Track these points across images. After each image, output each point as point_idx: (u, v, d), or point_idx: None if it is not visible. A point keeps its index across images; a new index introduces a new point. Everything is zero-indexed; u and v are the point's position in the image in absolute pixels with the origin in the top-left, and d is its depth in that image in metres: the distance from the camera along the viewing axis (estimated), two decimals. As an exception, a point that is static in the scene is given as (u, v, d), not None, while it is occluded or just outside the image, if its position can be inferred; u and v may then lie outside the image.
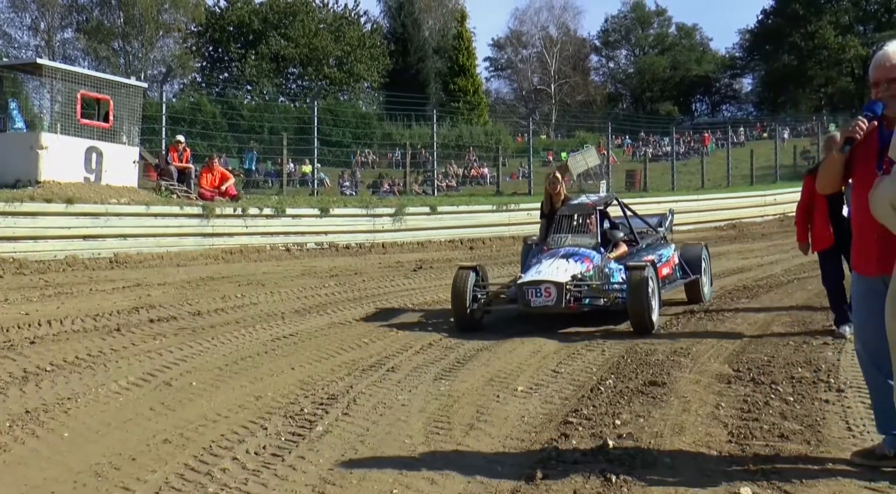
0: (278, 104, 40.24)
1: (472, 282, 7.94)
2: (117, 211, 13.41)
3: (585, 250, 8.26)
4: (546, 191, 9.66)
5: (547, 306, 7.60)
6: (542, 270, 7.83)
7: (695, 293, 9.33)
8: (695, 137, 42.96)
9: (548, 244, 8.61)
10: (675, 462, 3.98)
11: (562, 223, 8.76)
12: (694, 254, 9.60)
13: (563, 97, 61.21)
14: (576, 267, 7.92)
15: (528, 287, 7.65)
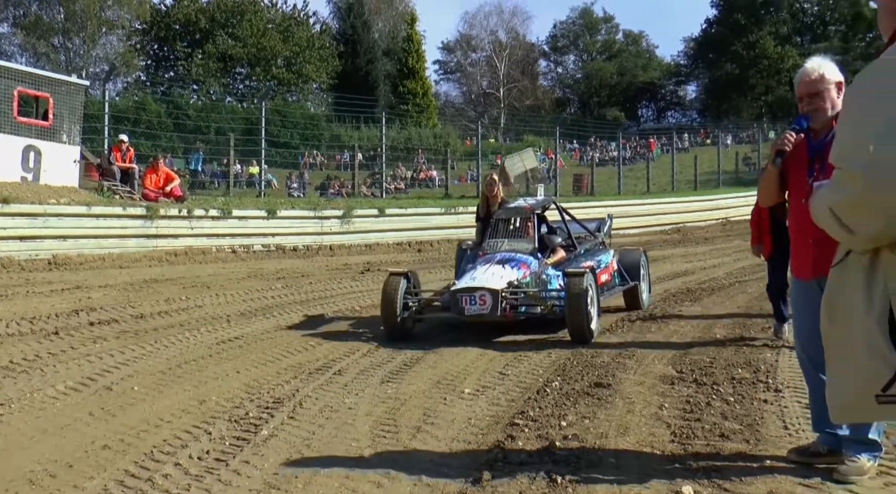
0: (225, 104, 39.72)
1: (403, 289, 7.60)
2: (56, 211, 13.09)
3: (522, 255, 8.00)
4: (482, 193, 9.43)
5: (482, 314, 7.31)
6: (476, 276, 7.55)
7: (633, 299, 9.17)
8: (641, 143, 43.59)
9: (483, 249, 8.33)
10: (619, 461, 4.03)
11: (498, 227, 8.49)
12: (632, 260, 9.41)
13: (512, 101, 61.55)
14: (512, 273, 7.65)
15: (462, 294, 7.35)
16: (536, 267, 7.91)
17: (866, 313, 1.73)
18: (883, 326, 1.70)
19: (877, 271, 1.75)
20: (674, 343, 7.17)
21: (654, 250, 17.32)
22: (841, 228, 1.76)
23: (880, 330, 1.70)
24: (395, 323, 7.48)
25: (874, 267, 1.75)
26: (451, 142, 38.95)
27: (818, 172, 3.65)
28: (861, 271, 1.77)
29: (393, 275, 7.80)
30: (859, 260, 1.79)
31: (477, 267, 7.83)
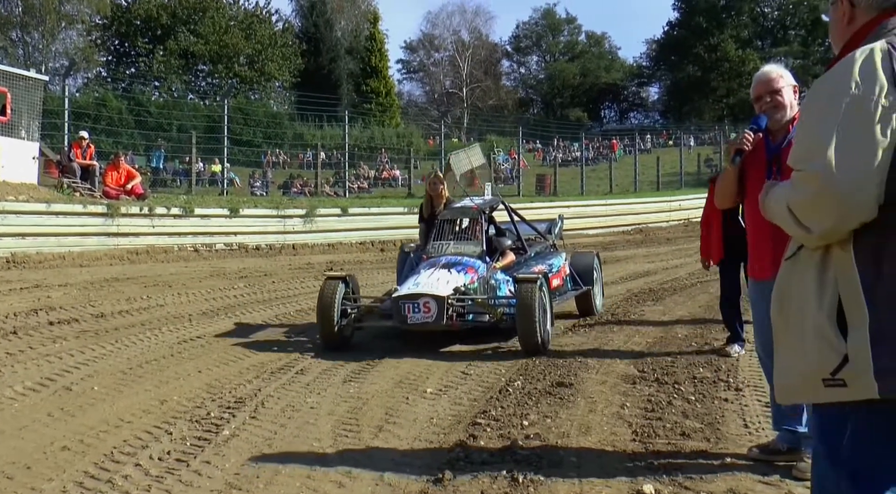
0: (187, 102, 39.27)
1: (342, 295, 7.06)
2: (15, 208, 12.87)
3: (469, 259, 7.50)
4: (426, 192, 8.84)
5: (426, 323, 6.77)
6: (420, 282, 7.01)
7: (587, 305, 8.73)
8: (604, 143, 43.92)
9: (427, 252, 7.79)
10: (580, 460, 4.07)
11: (443, 228, 7.96)
12: (585, 264, 8.96)
13: (475, 101, 61.68)
14: (458, 278, 7.13)
15: (405, 301, 6.79)
16: (484, 272, 7.45)
17: (818, 307, 1.85)
18: (832, 318, 1.83)
19: (828, 267, 1.87)
20: (636, 342, 7.25)
21: (617, 250, 17.51)
22: (797, 226, 1.88)
23: (829, 323, 1.83)
24: (331, 331, 6.92)
25: (825, 264, 1.87)
26: (415, 141, 38.91)
27: (776, 174, 3.73)
28: (813, 267, 1.89)
29: (330, 280, 7.26)
30: (811, 255, 1.91)
31: (421, 271, 7.30)
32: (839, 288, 1.84)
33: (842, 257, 1.84)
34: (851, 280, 1.82)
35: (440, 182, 8.65)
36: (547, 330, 6.89)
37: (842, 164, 1.77)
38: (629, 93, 69.36)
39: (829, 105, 1.85)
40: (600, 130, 56.91)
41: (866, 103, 1.80)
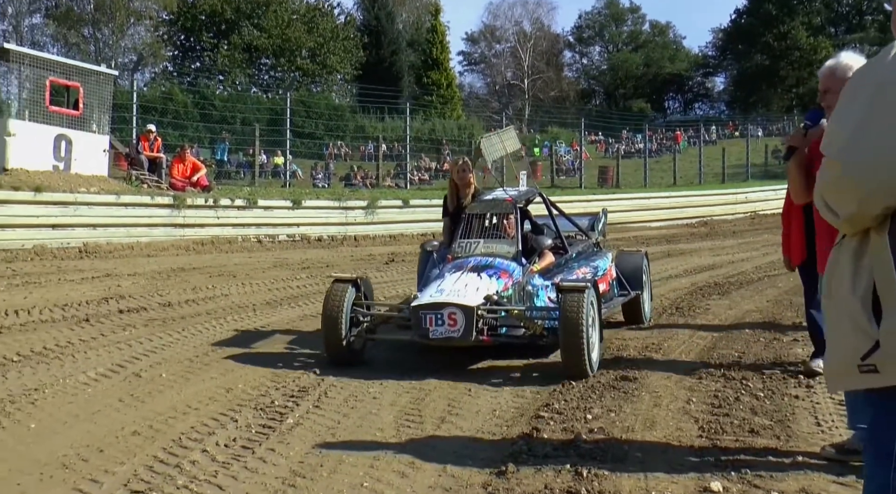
0: (251, 95, 39.86)
1: (351, 300, 6.06)
2: (87, 200, 13.23)
3: (502, 261, 6.36)
4: (451, 182, 7.51)
5: (451, 338, 5.67)
6: (444, 288, 5.91)
7: (634, 312, 7.69)
8: (667, 135, 43.26)
9: (453, 252, 6.60)
10: (645, 455, 4.00)
11: (472, 224, 6.74)
12: (633, 265, 7.92)
13: (537, 92, 61.31)
14: (490, 284, 6.01)
15: (426, 312, 5.69)
16: (520, 276, 6.32)
17: (852, 292, 1.86)
18: (866, 303, 1.83)
19: (864, 253, 1.88)
20: (701, 336, 7.11)
21: (681, 243, 17.24)
22: (828, 211, 1.92)
23: (863, 307, 1.83)
24: (338, 343, 5.95)
25: (862, 249, 1.88)
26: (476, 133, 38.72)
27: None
28: (851, 252, 1.91)
29: (337, 283, 6.17)
30: (850, 242, 1.92)
31: (445, 275, 6.18)
32: (874, 273, 1.84)
33: (877, 242, 1.85)
34: (885, 264, 1.82)
35: (468, 169, 7.39)
36: (596, 348, 5.83)
37: (858, 149, 1.79)
38: (694, 84, 68.12)
39: (855, 91, 1.88)
40: (664, 122, 56.05)
41: (890, 89, 1.79)
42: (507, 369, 5.99)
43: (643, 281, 7.85)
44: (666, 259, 14.12)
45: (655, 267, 12.51)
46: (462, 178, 7.32)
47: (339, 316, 5.92)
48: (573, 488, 3.52)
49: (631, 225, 20.76)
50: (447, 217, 7.40)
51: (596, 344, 5.82)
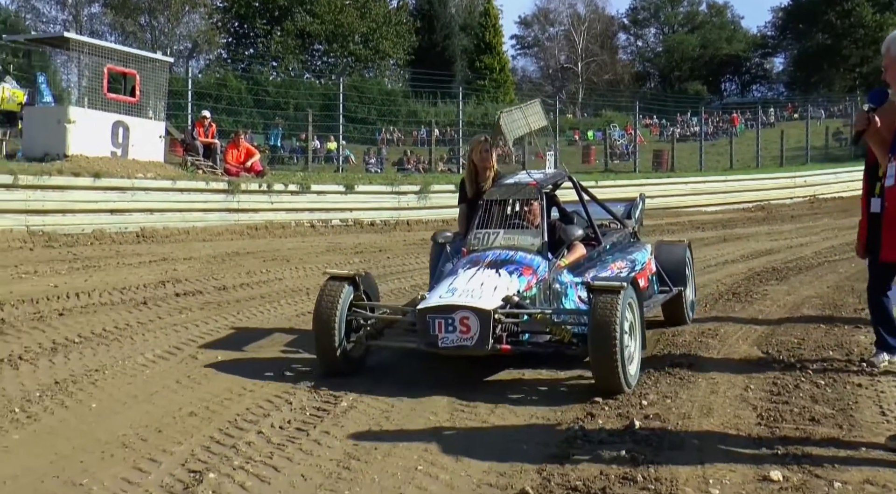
0: (304, 81, 40.17)
1: (347, 301, 5.27)
2: (144, 185, 13.46)
3: (525, 255, 5.54)
4: (470, 163, 6.63)
5: (463, 347, 4.85)
6: (457, 288, 5.09)
7: (676, 311, 6.82)
8: (724, 117, 42.47)
9: (469, 244, 5.77)
10: (702, 443, 3.93)
11: (491, 212, 5.86)
12: (675, 258, 7.00)
13: (591, 75, 60.64)
14: (511, 282, 5.21)
15: (435, 315, 4.88)
16: (545, 273, 5.47)
17: None
18: None
19: None
20: (759, 322, 6.96)
21: (738, 227, 16.92)
22: None
23: None
24: (331, 351, 5.16)
25: None
26: (529, 117, 38.55)
27: None
28: None
29: (332, 281, 5.35)
30: None
31: (458, 272, 5.37)
32: None
33: None
34: None
35: (488, 150, 6.46)
36: (635, 361, 4.97)
37: None
38: (752, 65, 66.63)
39: None
40: (720, 104, 54.92)
41: None
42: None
43: (686, 276, 6.94)
44: (721, 244, 13.88)
45: (711, 253, 12.33)
46: (481, 159, 6.45)
47: (332, 319, 5.13)
48: (629, 474, 3.48)
49: (685, 209, 20.45)
50: (464, 204, 6.58)
51: (636, 355, 4.95)
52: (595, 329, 4.63)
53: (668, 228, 16.55)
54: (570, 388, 5.04)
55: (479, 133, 6.72)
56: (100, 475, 3.53)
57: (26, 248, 10.82)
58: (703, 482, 3.41)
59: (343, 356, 5.20)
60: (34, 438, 4.04)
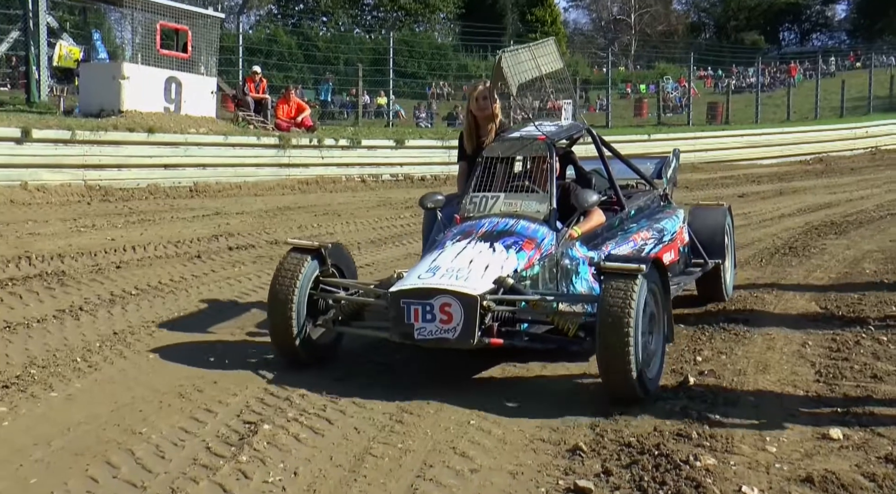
0: (353, 35, 39.99)
1: (310, 278, 4.46)
2: (196, 140, 13.58)
3: (527, 224, 4.59)
4: (468, 114, 5.70)
5: (444, 340, 3.98)
6: (440, 265, 4.24)
7: (712, 287, 5.94)
8: (781, 68, 41.26)
9: (463, 210, 4.85)
10: (758, 400, 3.87)
11: (490, 172, 4.92)
12: (712, 224, 6.01)
13: (644, 27, 59.24)
14: (507, 259, 4.30)
15: (410, 301, 4.02)
16: (551, 246, 4.51)
17: None
18: None
19: None
20: (817, 277, 6.82)
21: (794, 181, 16.53)
22: None
23: None
24: (288, 337, 4.38)
25: None
26: (580, 71, 37.96)
27: None
28: None
29: (294, 253, 4.55)
30: None
31: (445, 246, 4.50)
32: None
33: None
34: None
35: (490, 96, 5.47)
36: (657, 359, 4.08)
37: None
38: (812, 13, 64.39)
39: None
40: (778, 54, 53.36)
41: None
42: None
43: (724, 246, 6.00)
44: (778, 197, 13.58)
45: (767, 206, 12.08)
46: (482, 108, 5.47)
47: (289, 298, 4.33)
48: (683, 431, 3.44)
49: (740, 163, 20.00)
50: (463, 161, 5.63)
51: (658, 353, 4.08)
52: (604, 323, 3.71)
53: (721, 182, 16.24)
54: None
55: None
56: (159, 424, 3.60)
57: (84, 202, 11.03)
58: (760, 439, 3.35)
59: (304, 342, 4.40)
60: (95, 387, 4.13)
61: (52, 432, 3.50)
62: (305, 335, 4.40)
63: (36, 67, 15.25)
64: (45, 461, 3.21)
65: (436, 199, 5.10)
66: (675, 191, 6.75)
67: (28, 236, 8.18)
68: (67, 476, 3.07)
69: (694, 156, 19.79)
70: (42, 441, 3.40)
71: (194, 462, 3.21)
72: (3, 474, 3.09)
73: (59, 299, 5.81)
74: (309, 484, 3.04)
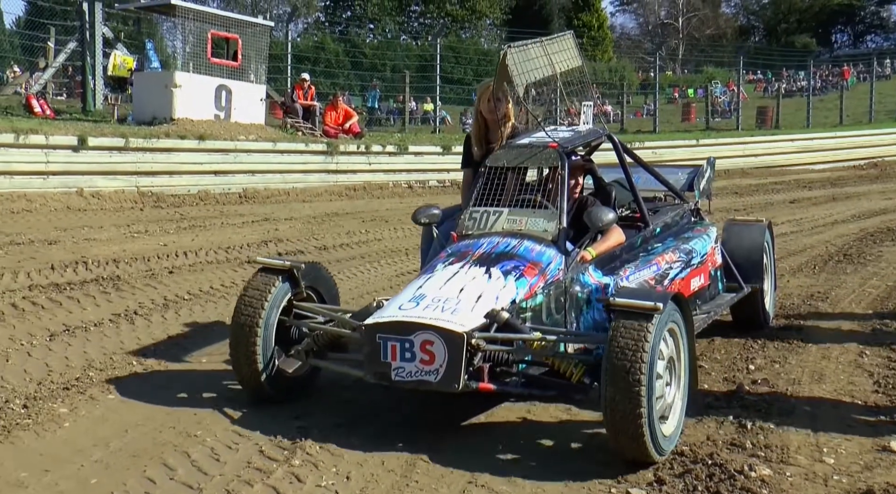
0: (400, 42, 40.27)
1: (280, 302, 3.94)
2: (246, 147, 13.77)
3: (532, 246, 3.98)
4: (477, 115, 4.98)
5: (425, 382, 3.40)
6: (425, 294, 3.68)
7: (750, 311, 5.36)
8: (833, 71, 40.50)
9: (461, 227, 4.26)
10: (815, 410, 3.81)
11: (496, 183, 4.29)
12: (749, 244, 5.44)
13: (692, 31, 58.67)
14: (505, 286, 3.71)
15: (387, 336, 3.46)
16: (559, 270, 3.90)
17: None
18: None
19: None
20: (873, 285, 6.68)
21: (848, 186, 16.21)
22: None
23: None
24: (252, 373, 3.87)
25: None
26: (627, 75, 37.73)
27: None
28: None
29: (263, 274, 4.02)
30: None
31: (435, 270, 3.93)
32: None
33: None
34: None
35: (504, 98, 4.77)
36: (678, 411, 3.45)
37: None
38: (867, 14, 63.10)
39: None
40: (830, 57, 52.36)
41: None
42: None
43: (763, 267, 5.44)
44: (831, 203, 13.34)
45: (819, 212, 11.87)
46: (493, 111, 4.79)
47: (254, 327, 3.82)
48: (737, 440, 3.39)
49: (791, 168, 19.68)
50: (469, 168, 4.97)
51: (677, 405, 3.45)
52: (611, 373, 3.12)
53: (772, 187, 15.99)
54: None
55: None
56: (213, 427, 3.66)
57: (137, 208, 11.25)
58: (817, 450, 3.30)
59: (272, 377, 3.87)
60: (151, 390, 4.20)
61: (110, 433, 3.57)
62: (273, 368, 3.87)
63: (91, 77, 15.60)
64: (104, 461, 3.28)
65: (431, 214, 4.53)
66: (719, 198, 6.43)
67: (84, 241, 8.36)
68: (126, 477, 3.14)
69: (743, 161, 19.56)
70: (101, 442, 3.47)
71: (248, 464, 3.25)
72: (66, 474, 3.17)
73: (114, 303, 5.92)
74: (362, 488, 3.06)
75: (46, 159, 11.23)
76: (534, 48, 4.71)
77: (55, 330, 5.10)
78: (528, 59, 4.59)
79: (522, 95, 4.56)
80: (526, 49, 4.63)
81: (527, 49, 4.64)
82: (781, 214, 11.55)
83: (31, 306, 5.59)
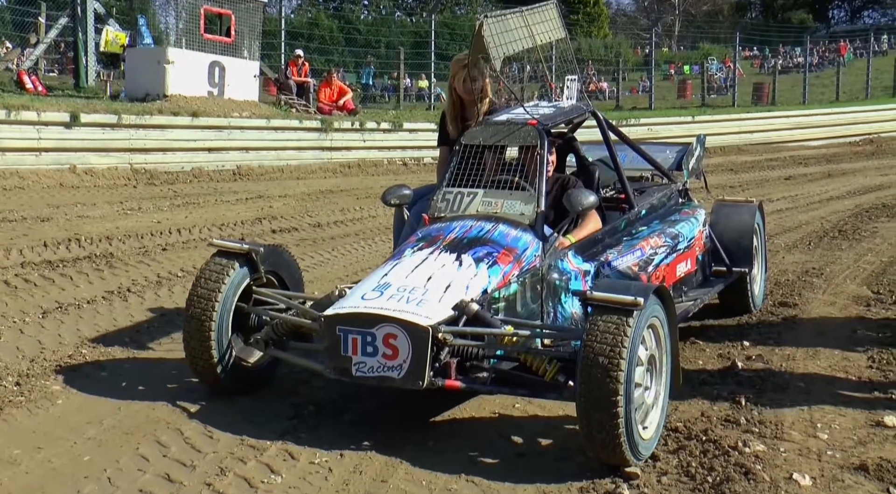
0: (395, 19, 40.00)
1: (237, 288, 3.69)
2: (239, 124, 13.69)
3: (507, 230, 3.74)
4: (451, 92, 4.76)
5: (386, 378, 3.17)
6: (390, 282, 3.44)
7: (738, 297, 5.17)
8: (830, 47, 40.35)
9: (432, 209, 3.99)
10: (809, 386, 3.82)
11: (470, 163, 4.02)
12: (738, 226, 5.21)
13: (688, 7, 58.28)
14: (475, 276, 3.48)
15: (348, 328, 3.23)
16: (535, 257, 3.67)
17: None
18: None
19: None
20: (868, 261, 6.68)
21: (843, 162, 16.20)
22: None
23: None
24: (209, 365, 3.63)
25: None
26: (623, 52, 37.49)
27: None
28: None
29: (219, 257, 3.77)
30: None
31: (402, 256, 3.68)
32: None
33: None
34: None
35: (480, 75, 4.56)
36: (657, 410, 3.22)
37: None
38: (863, -11, 62.85)
39: None
40: (827, 33, 52.15)
41: None
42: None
43: (752, 250, 5.21)
44: (826, 179, 13.34)
45: (815, 189, 11.86)
46: (468, 87, 4.54)
47: (208, 314, 3.57)
48: (731, 417, 3.40)
49: (787, 144, 19.65)
50: (444, 146, 4.76)
51: (657, 405, 3.22)
52: (586, 372, 2.89)
53: (767, 164, 15.97)
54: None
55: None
56: (207, 404, 3.64)
57: (130, 185, 11.19)
58: (811, 425, 3.30)
59: (228, 368, 3.65)
60: (144, 367, 4.19)
61: (103, 411, 3.56)
62: (230, 359, 3.64)
63: (83, 53, 15.48)
64: (97, 439, 3.27)
65: (401, 194, 4.27)
66: (714, 175, 6.39)
67: (77, 219, 8.31)
68: (119, 455, 3.13)
69: (739, 137, 19.53)
70: (94, 419, 3.46)
71: (242, 442, 3.24)
72: (59, 451, 3.16)
73: (107, 281, 5.89)
74: (356, 466, 3.06)
75: (38, 136, 11.15)
76: (513, 18, 4.32)
77: (48, 308, 5.07)
78: (506, 30, 4.23)
79: (498, 68, 4.20)
80: (504, 19, 4.25)
81: (505, 19, 4.26)
82: (777, 190, 11.54)
83: (23, 283, 5.57)
